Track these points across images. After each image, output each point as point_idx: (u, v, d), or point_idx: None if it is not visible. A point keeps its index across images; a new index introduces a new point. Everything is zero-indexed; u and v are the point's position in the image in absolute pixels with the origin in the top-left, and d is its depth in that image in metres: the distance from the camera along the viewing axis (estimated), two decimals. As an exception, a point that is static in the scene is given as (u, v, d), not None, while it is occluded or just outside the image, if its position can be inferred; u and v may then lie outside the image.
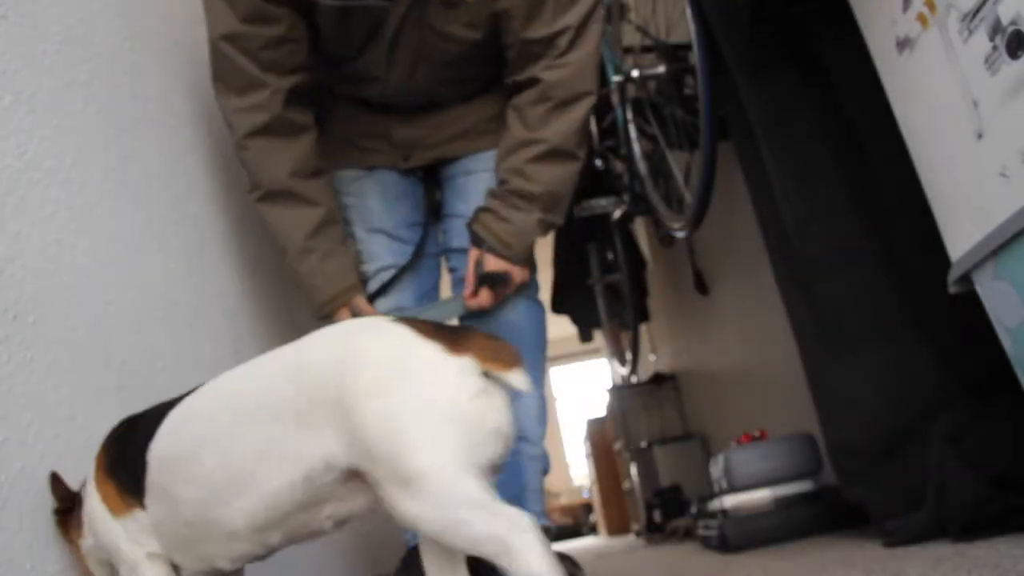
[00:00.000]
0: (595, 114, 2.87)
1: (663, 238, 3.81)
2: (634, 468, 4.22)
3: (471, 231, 1.50)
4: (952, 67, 1.06)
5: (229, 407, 0.89)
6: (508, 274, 1.48)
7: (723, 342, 3.46)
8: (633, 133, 2.60)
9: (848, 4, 1.31)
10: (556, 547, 1.68)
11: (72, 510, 0.96)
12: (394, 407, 0.78)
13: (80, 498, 0.96)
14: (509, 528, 0.72)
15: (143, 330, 1.27)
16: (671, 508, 3.56)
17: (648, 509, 3.80)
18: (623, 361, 4.50)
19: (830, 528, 1.92)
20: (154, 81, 1.56)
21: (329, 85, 1.59)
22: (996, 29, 0.96)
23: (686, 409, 4.51)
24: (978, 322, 1.12)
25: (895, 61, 1.21)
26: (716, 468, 2.24)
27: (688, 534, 2.97)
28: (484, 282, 1.48)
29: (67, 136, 1.19)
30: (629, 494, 4.64)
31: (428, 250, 1.65)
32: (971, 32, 1.01)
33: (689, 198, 2.20)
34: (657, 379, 4.69)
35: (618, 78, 2.47)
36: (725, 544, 2.01)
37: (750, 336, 3.01)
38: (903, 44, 1.17)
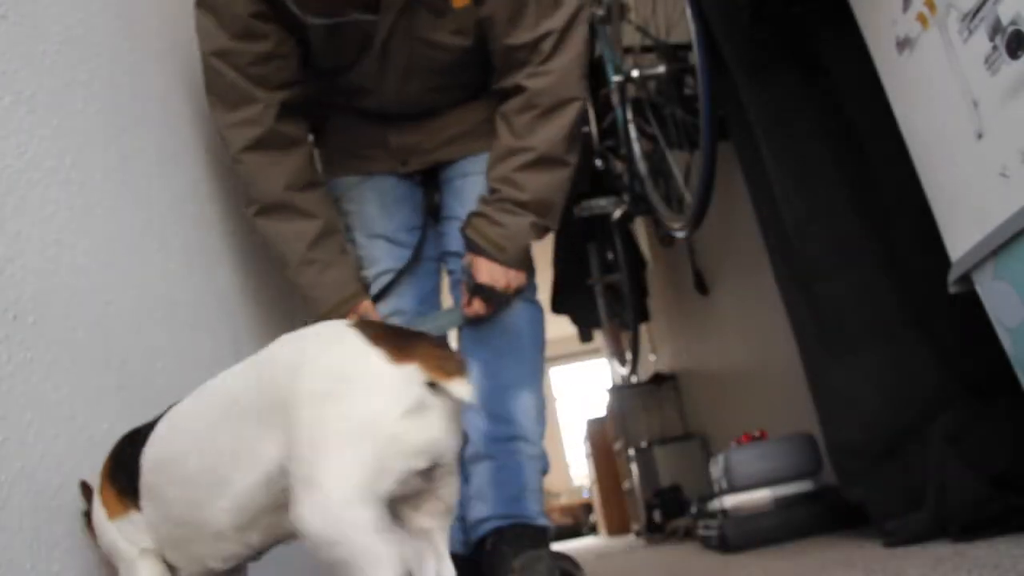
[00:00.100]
0: (595, 114, 2.89)
1: (663, 238, 3.81)
2: (634, 468, 4.22)
3: (464, 236, 1.50)
4: (952, 67, 1.06)
5: (210, 408, 0.92)
6: (495, 288, 1.47)
7: (723, 342, 3.46)
8: (633, 133, 2.60)
9: (848, 4, 1.31)
10: (556, 547, 1.68)
11: None
12: (323, 418, 0.81)
13: None
14: (366, 566, 0.75)
15: (143, 330, 1.27)
16: (671, 508, 3.57)
17: (648, 509, 3.80)
18: (623, 361, 4.50)
19: (830, 528, 1.92)
20: (154, 81, 1.56)
21: (324, 97, 1.60)
22: (996, 29, 0.96)
23: (686, 409, 4.51)
24: (978, 322, 1.12)
25: (895, 61, 1.21)
26: (716, 468, 2.24)
27: (688, 534, 2.97)
28: (476, 293, 1.48)
29: (67, 136, 1.19)
30: (629, 494, 4.64)
31: (427, 253, 1.66)
32: (971, 32, 1.01)
33: (689, 198, 2.20)
34: (657, 379, 4.70)
35: (618, 78, 2.47)
36: (725, 544, 2.01)
37: (750, 336, 3.01)
38: (903, 44, 1.17)
